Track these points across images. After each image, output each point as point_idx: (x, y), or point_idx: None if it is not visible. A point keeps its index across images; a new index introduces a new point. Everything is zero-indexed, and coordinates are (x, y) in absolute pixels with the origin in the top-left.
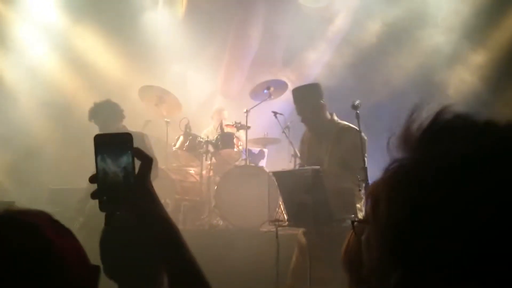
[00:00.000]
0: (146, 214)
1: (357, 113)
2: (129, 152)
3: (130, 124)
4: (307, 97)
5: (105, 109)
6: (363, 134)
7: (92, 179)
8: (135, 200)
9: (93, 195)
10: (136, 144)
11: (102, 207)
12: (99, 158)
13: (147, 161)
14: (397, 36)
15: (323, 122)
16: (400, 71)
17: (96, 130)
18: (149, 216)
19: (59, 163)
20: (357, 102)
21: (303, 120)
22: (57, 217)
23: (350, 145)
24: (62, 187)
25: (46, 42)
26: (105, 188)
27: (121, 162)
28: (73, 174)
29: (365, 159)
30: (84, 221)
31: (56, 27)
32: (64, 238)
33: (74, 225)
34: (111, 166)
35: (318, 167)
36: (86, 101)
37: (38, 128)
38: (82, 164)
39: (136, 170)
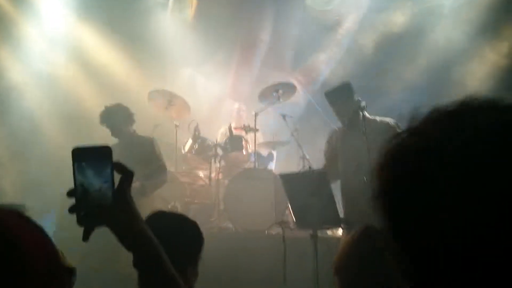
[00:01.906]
0: (126, 230)
1: (363, 114)
2: (109, 165)
3: (139, 128)
4: (343, 96)
5: (116, 113)
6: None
7: (70, 193)
8: (114, 215)
9: (71, 209)
10: (145, 149)
11: (80, 222)
12: (77, 171)
13: (128, 175)
14: (409, 34)
15: (361, 119)
16: (413, 69)
17: (105, 134)
18: (128, 232)
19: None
20: (362, 103)
21: (344, 121)
22: (70, 219)
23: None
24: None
25: (55, 46)
26: (83, 202)
27: (101, 176)
28: None
29: None
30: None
31: (66, 31)
32: (33, 236)
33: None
34: (90, 180)
35: (324, 169)
36: (96, 106)
37: (48, 133)
38: None
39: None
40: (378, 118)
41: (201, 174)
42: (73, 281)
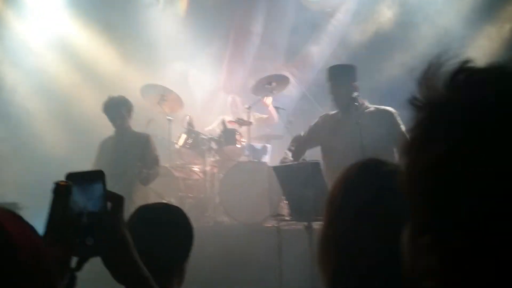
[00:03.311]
0: (119, 260)
1: (355, 105)
2: (102, 190)
3: (133, 123)
4: (343, 76)
5: (120, 104)
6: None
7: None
8: (106, 245)
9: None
10: (141, 143)
11: (74, 251)
12: (70, 198)
13: (118, 202)
14: (403, 24)
15: (354, 102)
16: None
17: (100, 129)
18: (122, 262)
19: (68, 167)
20: (354, 94)
21: (334, 99)
22: None
23: (389, 126)
24: None
25: (46, 43)
26: (77, 230)
27: (94, 203)
28: None
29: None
30: None
31: (57, 27)
32: (27, 237)
33: None
34: (82, 206)
35: (317, 160)
36: (89, 101)
37: (44, 131)
38: (89, 167)
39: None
40: (375, 107)
41: (196, 168)
42: (74, 283)
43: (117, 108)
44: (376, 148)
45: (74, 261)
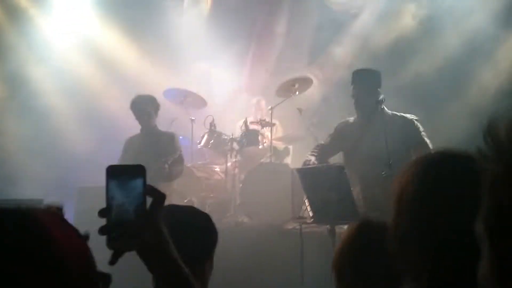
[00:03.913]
0: (156, 255)
1: (381, 108)
2: (142, 186)
3: (156, 122)
4: (368, 81)
5: (147, 102)
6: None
7: (102, 213)
8: (145, 240)
9: (101, 230)
10: (167, 141)
11: (110, 244)
12: (110, 191)
13: (159, 198)
14: (430, 25)
15: (377, 109)
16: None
17: (125, 128)
18: (158, 258)
19: (89, 162)
20: (380, 97)
21: (357, 104)
22: (86, 215)
23: (410, 133)
24: (92, 185)
25: (72, 43)
26: (114, 223)
27: (133, 197)
28: (102, 173)
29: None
30: None
31: (82, 25)
32: (70, 239)
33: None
34: (122, 201)
35: (342, 164)
36: (113, 100)
37: (67, 127)
38: (112, 162)
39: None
40: (397, 114)
41: (217, 168)
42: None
43: (145, 106)
44: (401, 154)
45: (109, 254)
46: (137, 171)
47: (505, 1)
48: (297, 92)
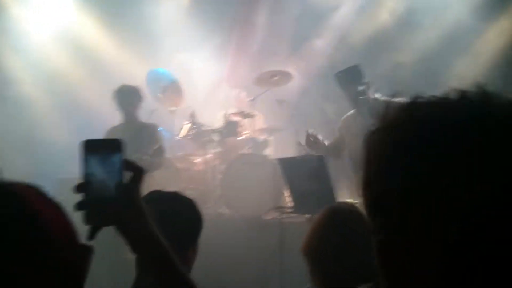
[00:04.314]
0: (134, 231)
1: (360, 99)
2: (119, 160)
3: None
4: (357, 79)
5: (131, 93)
6: None
7: (78, 188)
8: (123, 215)
9: (78, 206)
10: (149, 132)
11: (87, 220)
12: (86, 165)
13: (138, 173)
14: (409, 17)
15: (370, 101)
16: (412, 55)
17: (104, 119)
18: (137, 233)
19: (68, 153)
20: (360, 88)
21: (353, 103)
22: (65, 206)
23: None
24: (71, 176)
25: (49, 31)
26: (91, 199)
27: (110, 172)
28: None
29: None
30: None
31: (60, 16)
32: (52, 211)
33: None
34: (99, 176)
35: (321, 154)
36: (92, 90)
37: (45, 118)
38: None
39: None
40: (382, 98)
41: (197, 160)
42: (91, 259)
43: (128, 96)
44: None
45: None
46: (115, 145)
47: None
48: (277, 84)
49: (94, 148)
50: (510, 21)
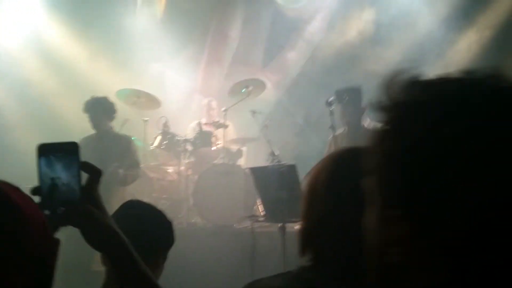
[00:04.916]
0: (95, 229)
1: (330, 110)
2: (76, 162)
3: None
4: (356, 101)
5: (102, 104)
6: None
7: (34, 191)
8: (83, 214)
9: (41, 208)
10: (122, 145)
11: (51, 221)
12: (42, 168)
13: (96, 174)
14: (380, 30)
15: (363, 127)
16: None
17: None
18: (98, 232)
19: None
20: (330, 99)
21: (347, 123)
22: None
23: None
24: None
25: (20, 40)
26: (49, 200)
27: (69, 171)
28: None
29: None
30: None
31: (31, 24)
32: (29, 206)
33: None
34: (58, 174)
35: (293, 163)
36: (64, 99)
37: (15, 130)
38: None
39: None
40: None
41: (170, 169)
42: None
43: (100, 109)
44: None
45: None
46: (70, 146)
47: (452, 3)
48: (250, 95)
49: (50, 149)
50: (478, 32)
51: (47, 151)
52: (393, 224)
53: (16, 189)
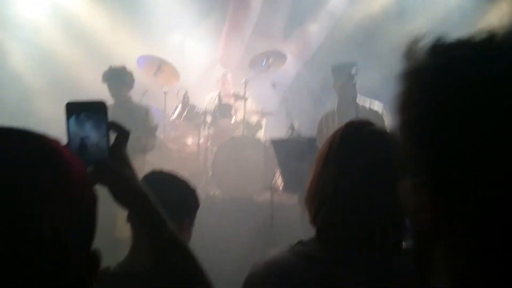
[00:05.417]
0: (123, 187)
1: (353, 83)
2: (105, 121)
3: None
4: (350, 76)
5: (120, 74)
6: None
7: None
8: (112, 172)
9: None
10: (140, 114)
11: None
12: (71, 126)
13: (124, 134)
14: (403, 4)
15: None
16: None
17: (93, 97)
18: (126, 189)
19: (57, 130)
20: (353, 71)
21: (342, 98)
22: None
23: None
24: None
25: (41, 9)
26: (80, 156)
27: (98, 130)
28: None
29: None
30: None
31: None
32: (72, 157)
33: None
34: (88, 133)
35: (314, 136)
36: (85, 69)
37: (38, 100)
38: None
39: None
40: (368, 105)
41: (190, 141)
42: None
43: (118, 78)
44: None
45: None
46: (99, 105)
47: None
48: (271, 67)
49: (79, 108)
50: (510, 4)
51: (76, 110)
52: (418, 191)
53: (59, 143)
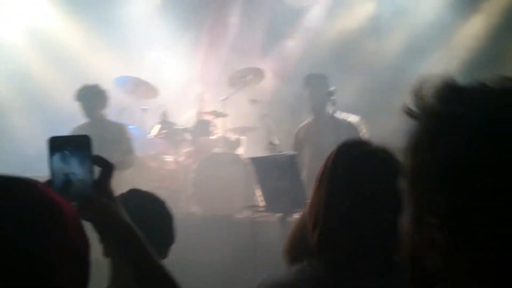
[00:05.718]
0: (110, 224)
1: (331, 99)
2: (89, 157)
3: (105, 112)
4: (325, 86)
5: (93, 93)
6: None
7: (48, 184)
8: (98, 210)
9: None
10: (116, 132)
11: None
12: (55, 162)
13: (108, 168)
14: (382, 17)
15: (329, 114)
16: (385, 53)
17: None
18: (112, 226)
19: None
20: (331, 88)
21: (314, 108)
22: None
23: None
24: (37, 175)
25: (16, 27)
26: (63, 196)
27: (80, 168)
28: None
29: None
30: None
31: (27, 11)
32: (64, 202)
33: None
34: (69, 172)
35: (294, 152)
36: (61, 87)
37: (11, 119)
38: None
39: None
40: (342, 116)
41: (169, 158)
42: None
43: (91, 96)
44: None
45: None
46: (83, 140)
47: None
48: (249, 84)
49: (63, 142)
50: (484, 19)
51: (60, 145)
52: (431, 230)
53: (48, 186)
